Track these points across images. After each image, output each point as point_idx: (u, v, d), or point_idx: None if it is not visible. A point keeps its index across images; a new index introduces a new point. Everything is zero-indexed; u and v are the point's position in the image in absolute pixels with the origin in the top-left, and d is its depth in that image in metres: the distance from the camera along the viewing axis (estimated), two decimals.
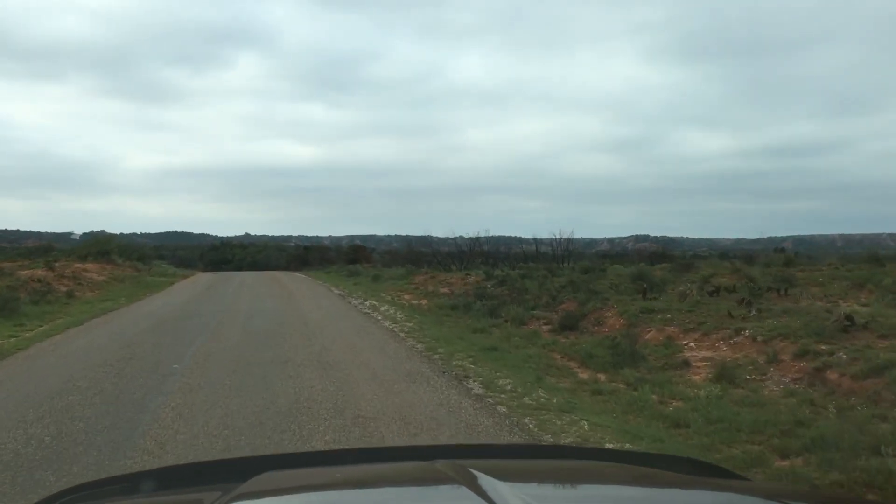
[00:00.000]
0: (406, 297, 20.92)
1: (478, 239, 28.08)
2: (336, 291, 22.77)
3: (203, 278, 33.82)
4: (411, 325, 13.86)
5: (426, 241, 30.15)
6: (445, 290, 21.04)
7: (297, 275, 39.72)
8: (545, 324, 14.11)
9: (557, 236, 26.46)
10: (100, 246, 37.62)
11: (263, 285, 26.10)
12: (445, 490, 1.49)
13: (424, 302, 19.15)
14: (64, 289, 22.46)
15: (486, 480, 1.37)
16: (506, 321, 14.41)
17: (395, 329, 13.17)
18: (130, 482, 1.78)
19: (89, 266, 32.15)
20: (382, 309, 16.93)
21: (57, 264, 32.21)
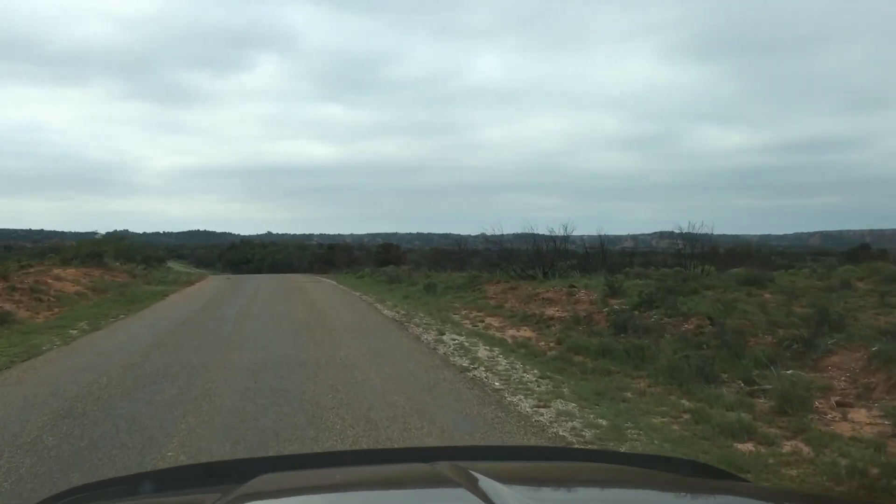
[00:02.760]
0: (493, 322, 13.74)
1: (561, 238, 20.75)
2: (386, 312, 15.58)
3: (209, 287, 26.83)
4: (572, 408, 6.69)
5: (496, 238, 22.73)
6: (552, 311, 13.83)
7: (325, 280, 32.62)
8: (838, 402, 6.87)
9: (692, 230, 19.06)
10: (91, 247, 30.77)
11: (283, 300, 18.97)
12: (445, 492, 1.43)
13: (531, 335, 11.98)
14: (5, 307, 15.62)
15: (486, 482, 1.31)
16: (748, 394, 7.19)
17: (559, 427, 5.99)
18: (131, 483, 1.71)
19: (70, 272, 25.33)
20: (482, 355, 9.76)
21: (31, 270, 25.72)
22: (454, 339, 11.17)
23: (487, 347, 10.48)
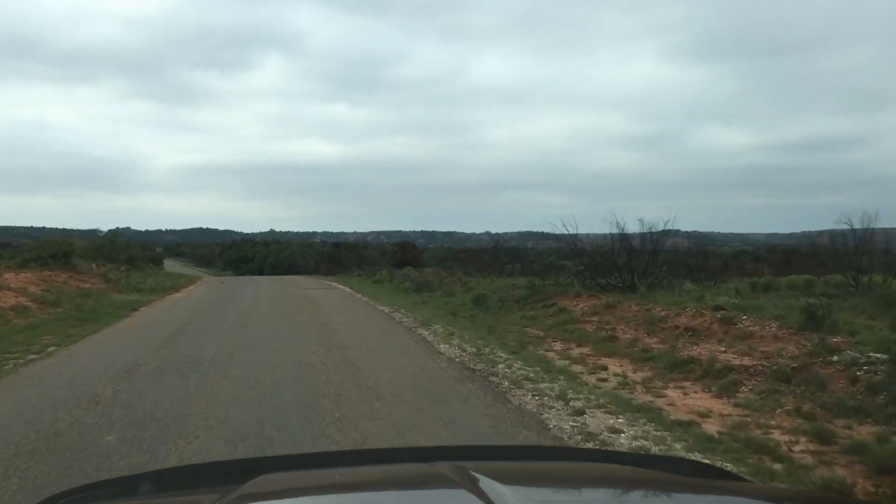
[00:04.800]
0: (624, 370, 8.36)
1: (657, 236, 15.29)
2: (444, 349, 10.04)
3: (196, 296, 21.41)
4: None
5: (567, 238, 16.91)
6: (722, 352, 8.43)
7: (337, 286, 27.20)
8: None
9: (858, 225, 13.67)
10: (57, 247, 25.28)
11: (287, 322, 13.48)
12: (445, 492, 1.37)
13: (726, 408, 6.63)
14: None
15: (486, 482, 1.27)
16: None
17: None
18: (130, 483, 1.68)
19: (22, 277, 19.98)
20: None
21: None
22: (609, 427, 5.76)
23: (696, 451, 5.09)
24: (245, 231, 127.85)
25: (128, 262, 34.48)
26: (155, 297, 19.77)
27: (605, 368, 8.50)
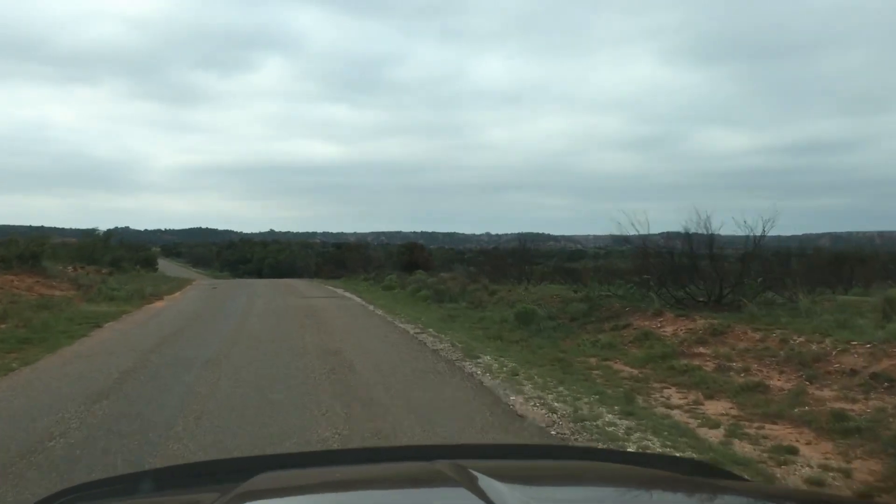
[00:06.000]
0: (827, 452, 5.08)
1: (753, 241, 12.02)
2: (522, 407, 6.62)
3: (178, 307, 18.07)
4: None
5: (637, 240, 13.37)
6: None
7: (342, 293, 23.89)
8: None
9: None
10: (25, 247, 21.91)
11: (287, 357, 10.09)
12: (445, 491, 1.36)
13: None
14: None
15: (485, 481, 1.25)
16: None
17: None
18: (129, 482, 1.60)
19: None
20: None
21: None
22: None
23: None
24: (245, 231, 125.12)
25: (112, 264, 31.25)
26: (129, 308, 16.47)
27: (792, 451, 5.24)
